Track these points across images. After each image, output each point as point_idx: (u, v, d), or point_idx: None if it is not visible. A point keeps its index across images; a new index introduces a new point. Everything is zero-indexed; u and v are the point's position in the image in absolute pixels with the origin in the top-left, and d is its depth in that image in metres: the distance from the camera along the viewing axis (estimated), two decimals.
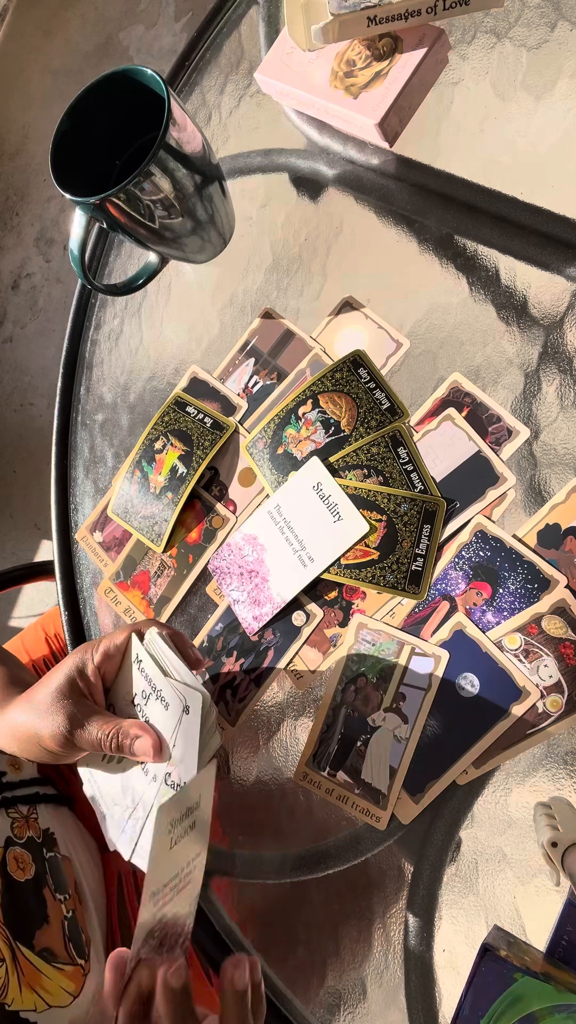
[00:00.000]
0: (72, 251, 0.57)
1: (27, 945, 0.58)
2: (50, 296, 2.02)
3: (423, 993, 0.47)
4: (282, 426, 0.59)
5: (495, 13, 0.57)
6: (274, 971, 0.53)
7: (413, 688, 0.50)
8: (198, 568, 0.61)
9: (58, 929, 0.61)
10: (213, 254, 0.66)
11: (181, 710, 0.46)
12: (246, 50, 0.73)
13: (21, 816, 0.65)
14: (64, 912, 0.63)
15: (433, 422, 0.54)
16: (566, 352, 0.50)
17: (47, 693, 0.48)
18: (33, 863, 0.63)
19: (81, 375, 0.77)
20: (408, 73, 0.55)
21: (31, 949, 0.58)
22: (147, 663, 0.48)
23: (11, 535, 1.90)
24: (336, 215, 0.62)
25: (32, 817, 0.66)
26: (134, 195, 0.53)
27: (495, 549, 0.50)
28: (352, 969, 0.50)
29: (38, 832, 0.66)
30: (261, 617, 0.56)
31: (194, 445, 0.63)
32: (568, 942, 0.42)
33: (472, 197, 0.55)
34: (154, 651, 0.48)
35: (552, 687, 0.46)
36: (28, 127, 2.24)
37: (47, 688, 0.49)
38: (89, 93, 0.56)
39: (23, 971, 0.57)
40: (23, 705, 0.50)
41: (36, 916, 0.61)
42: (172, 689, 0.46)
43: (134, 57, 2.01)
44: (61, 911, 0.63)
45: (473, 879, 0.47)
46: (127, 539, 0.66)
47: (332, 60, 0.59)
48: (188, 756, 0.45)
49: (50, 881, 0.63)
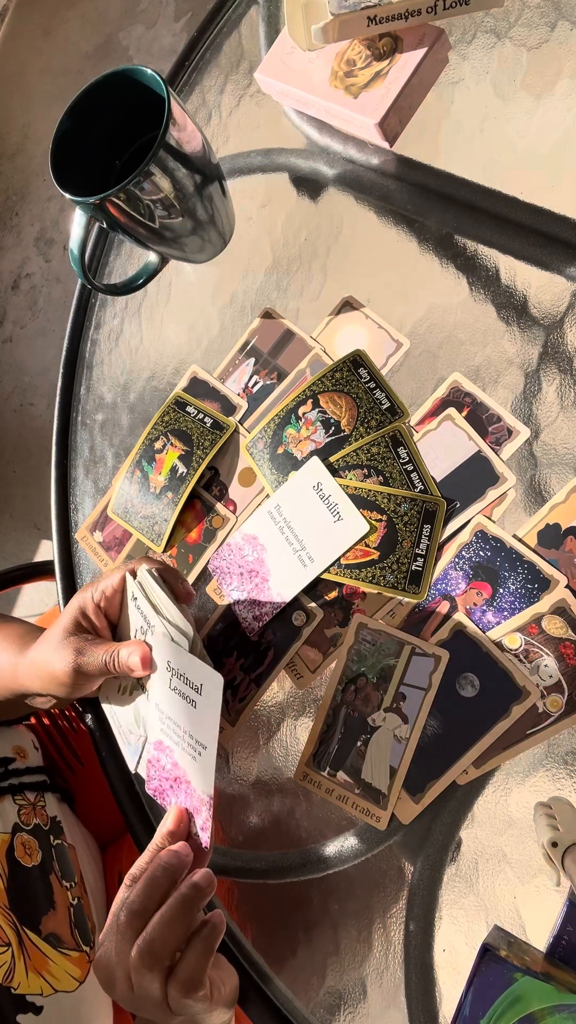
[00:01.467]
0: (72, 251, 0.57)
1: (33, 930, 0.58)
2: (50, 296, 2.02)
3: (423, 993, 0.47)
4: (282, 426, 0.59)
5: (495, 13, 0.57)
6: (274, 971, 0.53)
7: (413, 688, 0.50)
8: (198, 568, 0.61)
9: (64, 915, 0.62)
10: (213, 254, 0.66)
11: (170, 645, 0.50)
12: (246, 50, 0.73)
13: (28, 803, 0.65)
14: (70, 899, 0.63)
15: (433, 422, 0.54)
16: (566, 352, 0.50)
17: (56, 632, 0.54)
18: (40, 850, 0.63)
19: (81, 375, 0.77)
20: (408, 73, 0.55)
21: (38, 934, 0.59)
22: (141, 600, 0.52)
23: (11, 535, 1.90)
24: (336, 215, 0.62)
25: (39, 805, 0.66)
26: (134, 195, 0.53)
27: (495, 549, 0.50)
28: (352, 969, 0.50)
29: (45, 820, 0.66)
30: (262, 617, 0.56)
31: (194, 445, 0.63)
32: (568, 942, 0.42)
33: (472, 197, 0.55)
34: (146, 588, 0.52)
35: (552, 687, 0.46)
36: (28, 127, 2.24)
37: (56, 628, 0.54)
38: (89, 93, 0.56)
39: (29, 955, 0.57)
40: (39, 647, 0.55)
41: (42, 901, 0.61)
42: (162, 625, 0.50)
43: (134, 57, 2.01)
44: (67, 898, 0.63)
45: (473, 879, 0.47)
46: (127, 539, 0.66)
47: (332, 60, 0.59)
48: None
49: (56, 868, 0.64)
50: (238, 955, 0.53)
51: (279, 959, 0.53)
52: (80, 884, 0.66)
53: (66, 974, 0.59)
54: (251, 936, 0.55)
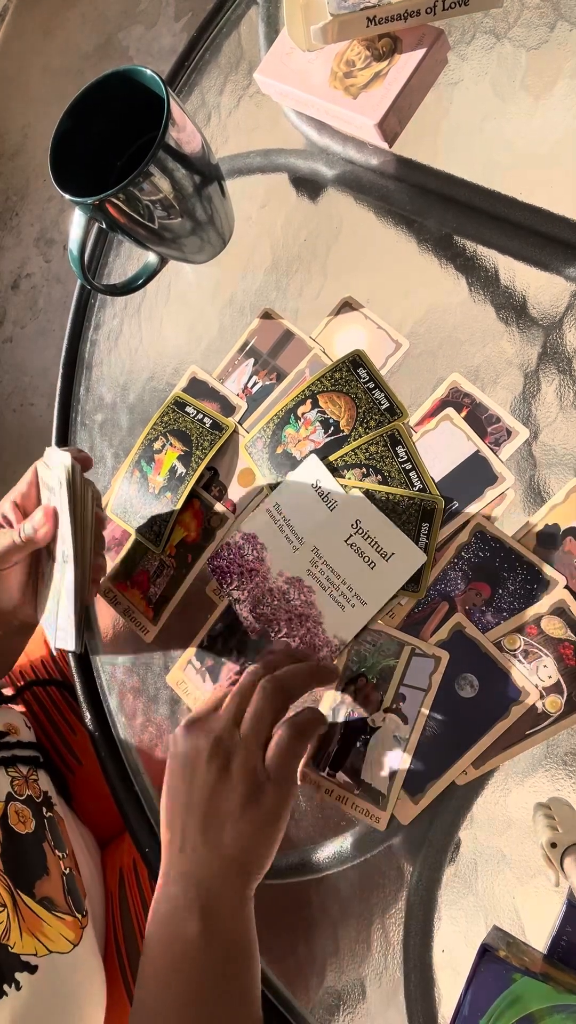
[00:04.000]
0: (72, 251, 0.57)
1: (28, 893, 0.59)
2: (50, 296, 2.02)
3: (422, 993, 0.47)
4: (281, 426, 0.59)
5: (494, 13, 0.57)
6: (274, 971, 0.53)
7: (413, 688, 0.50)
8: (197, 568, 0.61)
9: (58, 880, 0.62)
10: (212, 254, 0.66)
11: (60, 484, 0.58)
12: (245, 50, 0.73)
13: (21, 776, 0.66)
14: (63, 868, 0.63)
15: (432, 422, 0.54)
16: (565, 352, 0.50)
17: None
18: (33, 818, 0.64)
19: (81, 375, 0.77)
20: (407, 73, 0.55)
21: (32, 897, 0.59)
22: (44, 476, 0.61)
23: None
24: (335, 215, 0.62)
25: (32, 779, 0.67)
26: (133, 195, 0.53)
27: (494, 550, 0.50)
28: (351, 969, 0.50)
29: (38, 792, 0.67)
30: (261, 618, 0.56)
31: (193, 445, 0.63)
32: (567, 942, 0.42)
33: (471, 197, 0.55)
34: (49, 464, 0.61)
35: (551, 687, 0.46)
36: (28, 127, 2.24)
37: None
38: (89, 93, 0.56)
39: (24, 917, 0.57)
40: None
41: (36, 867, 0.62)
42: (55, 479, 0.59)
43: (134, 57, 2.01)
44: (60, 866, 0.63)
45: (472, 879, 0.47)
46: (126, 539, 0.66)
47: (331, 60, 0.59)
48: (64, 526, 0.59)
49: (49, 837, 0.64)
50: None
51: (279, 959, 0.53)
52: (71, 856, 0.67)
53: (60, 936, 0.60)
54: None
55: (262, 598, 0.55)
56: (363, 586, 0.52)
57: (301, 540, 0.55)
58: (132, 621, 0.64)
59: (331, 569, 0.53)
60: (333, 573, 0.53)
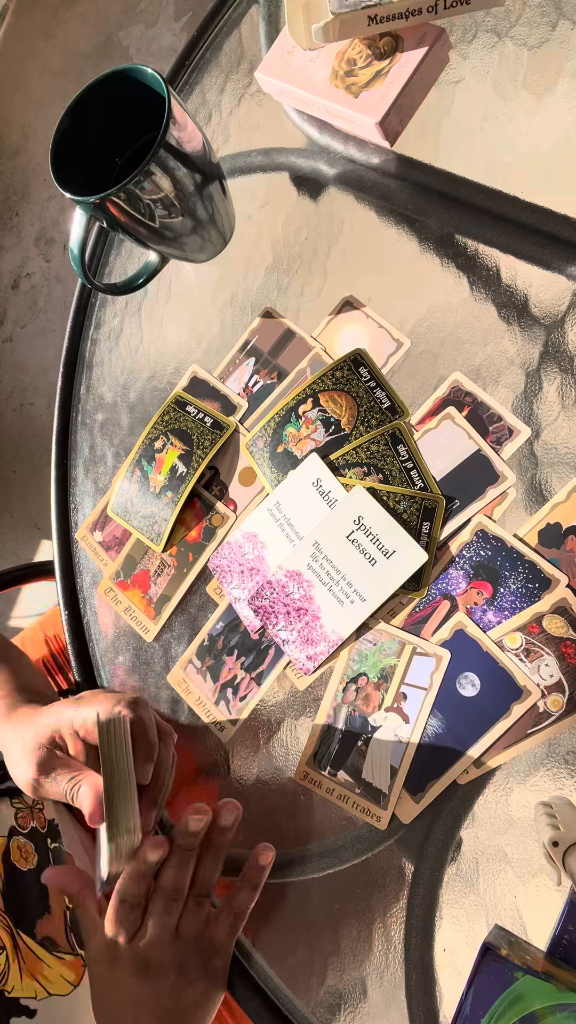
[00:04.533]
0: (72, 251, 0.57)
1: (28, 933, 0.59)
2: (50, 296, 2.02)
3: (424, 992, 0.47)
4: (282, 425, 0.59)
5: (496, 12, 0.57)
6: (274, 971, 0.53)
7: (414, 688, 0.50)
8: (198, 567, 0.61)
9: (60, 919, 0.62)
10: (213, 253, 0.66)
11: None
12: (246, 49, 0.73)
13: (25, 807, 0.65)
14: (66, 902, 0.63)
15: (433, 421, 0.54)
16: (567, 351, 0.50)
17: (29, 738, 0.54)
18: (36, 853, 0.63)
19: (81, 375, 0.77)
20: (409, 72, 0.55)
21: (32, 938, 0.59)
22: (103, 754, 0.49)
23: (11, 535, 1.90)
24: (336, 214, 0.62)
25: (37, 807, 0.66)
26: (134, 194, 0.53)
27: (496, 548, 0.49)
28: (352, 969, 0.50)
29: (43, 822, 0.66)
30: (259, 611, 0.56)
31: (194, 444, 0.63)
32: (569, 941, 0.42)
33: (473, 196, 0.55)
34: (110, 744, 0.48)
35: (553, 686, 0.46)
36: (28, 127, 2.24)
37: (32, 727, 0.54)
38: (89, 93, 0.56)
39: (24, 959, 0.57)
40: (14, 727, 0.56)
41: (38, 905, 0.61)
42: None
43: (134, 57, 2.01)
44: (63, 901, 0.63)
45: (474, 878, 0.47)
46: (127, 538, 0.66)
47: (333, 59, 0.59)
48: None
49: None
50: (238, 954, 0.53)
51: (279, 958, 0.53)
52: None
53: (60, 978, 0.59)
54: (251, 935, 0.55)
55: (261, 590, 0.55)
56: (363, 583, 0.52)
57: (302, 538, 0.55)
58: (133, 620, 0.64)
59: (331, 564, 0.53)
60: (333, 568, 0.53)
